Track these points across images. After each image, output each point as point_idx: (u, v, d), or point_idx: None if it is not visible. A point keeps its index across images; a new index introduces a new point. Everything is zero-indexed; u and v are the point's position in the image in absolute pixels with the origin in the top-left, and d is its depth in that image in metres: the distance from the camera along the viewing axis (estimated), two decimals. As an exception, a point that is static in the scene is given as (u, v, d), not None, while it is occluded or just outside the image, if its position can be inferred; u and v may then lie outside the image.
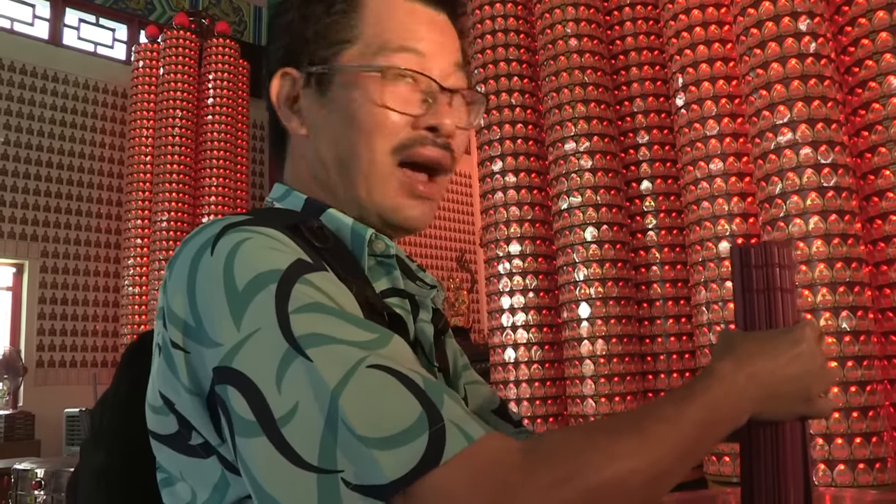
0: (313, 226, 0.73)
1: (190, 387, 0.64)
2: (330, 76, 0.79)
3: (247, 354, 0.60)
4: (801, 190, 2.70)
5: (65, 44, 7.26)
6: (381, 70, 0.77)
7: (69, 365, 6.70)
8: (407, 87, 0.78)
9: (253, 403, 0.59)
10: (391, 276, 0.80)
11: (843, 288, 2.62)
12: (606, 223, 3.31)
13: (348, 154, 0.78)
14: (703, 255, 3.01)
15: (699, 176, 3.05)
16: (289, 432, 0.57)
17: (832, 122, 2.73)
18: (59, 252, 6.79)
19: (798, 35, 2.77)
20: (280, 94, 0.82)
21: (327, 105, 0.80)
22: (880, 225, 2.71)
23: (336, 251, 0.74)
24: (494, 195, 3.64)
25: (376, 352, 0.60)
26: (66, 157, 6.94)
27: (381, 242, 0.79)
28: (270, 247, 0.65)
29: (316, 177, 0.82)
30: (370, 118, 0.77)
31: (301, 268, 0.64)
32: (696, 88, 3.11)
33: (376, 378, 0.58)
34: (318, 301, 0.62)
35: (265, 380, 0.59)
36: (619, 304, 3.25)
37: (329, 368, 0.58)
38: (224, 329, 0.61)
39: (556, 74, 3.50)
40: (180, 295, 0.65)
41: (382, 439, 0.55)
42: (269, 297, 0.61)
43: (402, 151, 0.78)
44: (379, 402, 0.57)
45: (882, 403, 2.60)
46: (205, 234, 0.67)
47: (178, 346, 0.65)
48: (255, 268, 0.63)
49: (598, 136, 3.40)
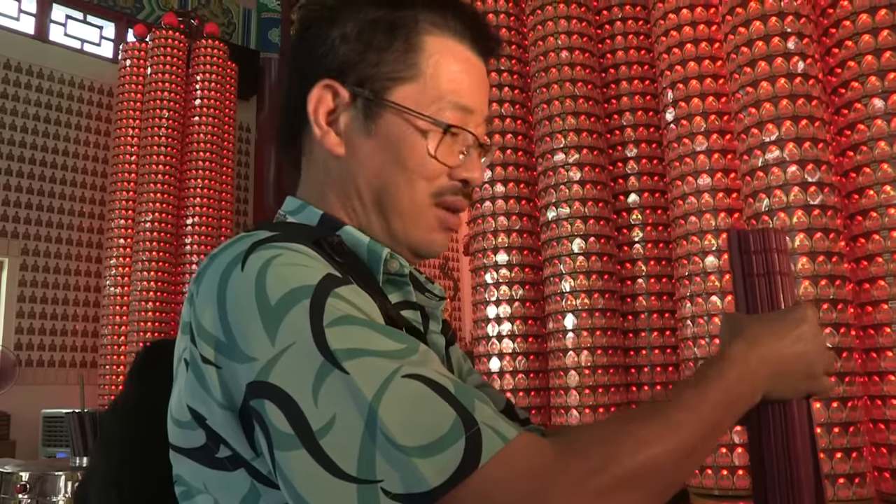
0: (334, 241, 0.74)
1: (223, 402, 0.65)
2: (380, 107, 0.81)
3: (282, 369, 0.61)
4: (787, 207, 2.73)
5: (51, 40, 7.20)
6: (437, 124, 0.81)
7: (47, 365, 6.63)
8: (453, 140, 0.83)
9: (291, 417, 0.60)
10: (403, 291, 0.83)
11: (827, 305, 2.65)
12: (594, 235, 3.33)
13: (390, 189, 0.81)
14: (690, 269, 3.03)
15: (687, 191, 3.08)
16: (327, 444, 0.58)
17: (819, 141, 2.77)
18: (41, 250, 6.72)
19: (787, 55, 2.80)
20: (319, 105, 0.82)
21: (374, 135, 0.81)
22: (863, 244, 2.74)
23: (354, 266, 0.75)
24: (483, 204, 3.66)
25: (408, 360, 0.61)
26: (49, 154, 6.88)
27: (395, 262, 0.81)
28: (300, 263, 0.66)
29: (342, 196, 0.83)
30: (419, 165, 0.81)
31: (331, 282, 0.65)
32: (685, 104, 3.14)
33: (412, 388, 0.60)
34: (349, 314, 0.63)
35: (302, 393, 0.60)
36: (604, 316, 3.27)
37: (366, 380, 0.59)
38: (258, 344, 0.62)
39: (546, 86, 3.52)
40: (210, 310, 0.66)
41: (422, 447, 0.57)
42: (304, 311, 0.62)
43: (439, 197, 0.83)
44: (416, 410, 0.58)
45: (862, 419, 2.64)
46: (234, 250, 0.68)
47: (209, 362, 0.65)
48: (287, 283, 0.64)
49: (588, 148, 3.42)
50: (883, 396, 2.64)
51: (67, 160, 6.99)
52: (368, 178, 0.81)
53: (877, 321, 2.69)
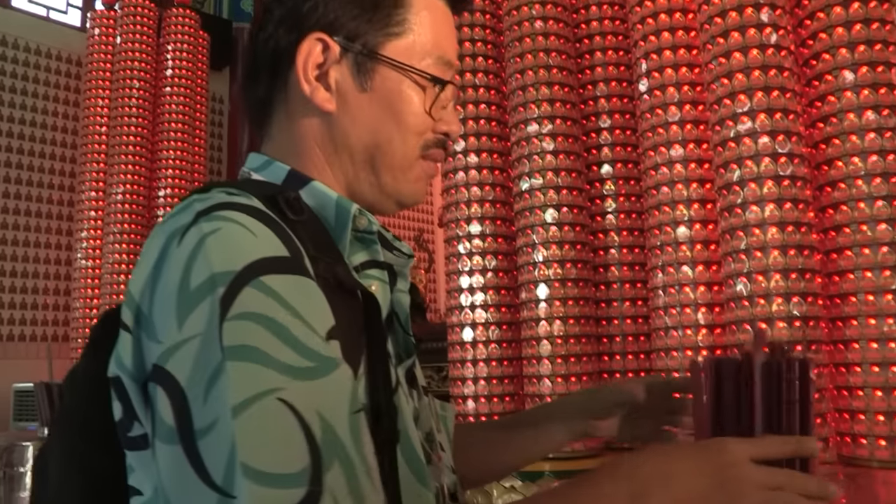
0: (289, 196, 0.72)
1: (133, 372, 0.63)
2: (375, 62, 0.81)
3: (181, 359, 0.59)
4: (758, 178, 2.75)
5: (14, 6, 7.00)
6: (432, 79, 0.82)
7: (18, 339, 6.54)
8: (442, 95, 0.84)
9: (177, 410, 0.58)
10: (371, 250, 0.81)
11: (795, 274, 2.69)
12: (566, 205, 3.34)
13: (384, 144, 0.82)
14: (661, 238, 3.06)
15: (659, 161, 3.10)
16: (203, 446, 0.56)
17: (790, 112, 2.79)
18: (9, 223, 6.61)
19: (760, 26, 2.81)
20: (309, 58, 0.81)
21: (369, 91, 0.81)
22: (832, 214, 2.78)
23: (310, 224, 0.74)
24: (456, 175, 3.65)
25: (300, 383, 0.58)
26: (16, 125, 6.73)
27: (364, 218, 0.80)
28: (236, 241, 0.63)
29: (328, 152, 0.83)
30: (413, 119, 0.82)
31: (261, 267, 0.62)
32: (658, 74, 3.15)
33: (279, 414, 0.56)
34: (260, 312, 0.59)
35: (195, 388, 0.57)
36: (577, 286, 3.29)
37: (237, 386, 0.56)
38: (168, 327, 0.60)
39: (520, 56, 3.51)
40: (141, 280, 0.65)
41: (261, 473, 0.54)
42: (216, 300, 0.59)
43: (426, 150, 0.85)
44: (271, 436, 0.55)
45: (827, 386, 2.69)
46: (178, 221, 0.66)
47: (127, 328, 0.64)
48: (211, 267, 0.61)
49: (561, 118, 3.42)
50: (847, 364, 2.69)
51: (35, 131, 6.85)
52: (361, 133, 0.81)
53: (843, 290, 2.73)
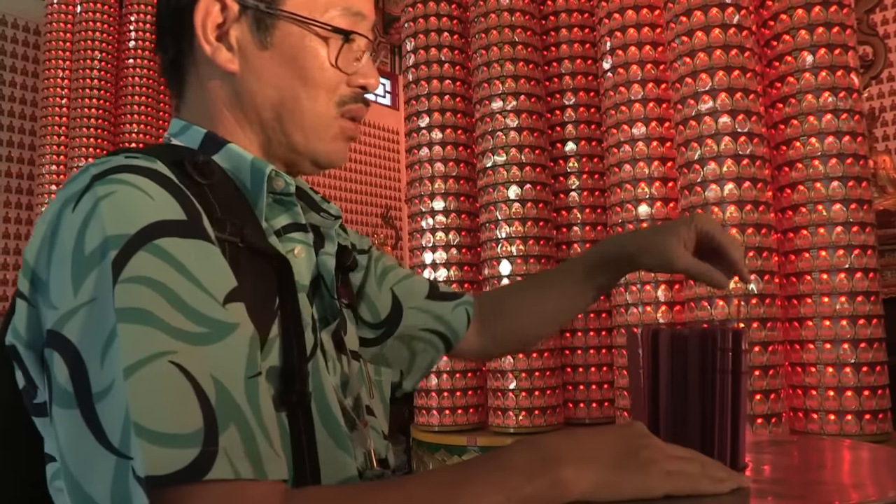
0: (198, 160, 0.71)
1: (28, 340, 0.63)
2: (274, 17, 0.78)
3: (77, 324, 0.58)
4: (718, 157, 2.78)
5: (-30, -28, 6.81)
6: (336, 31, 0.79)
7: (-25, 313, 6.42)
8: (349, 47, 0.80)
9: (74, 374, 0.57)
10: (292, 212, 0.80)
11: (753, 253, 2.72)
12: (530, 182, 3.35)
13: (289, 101, 0.79)
14: (623, 216, 3.08)
15: (622, 139, 3.11)
16: (102, 409, 0.56)
17: (750, 92, 2.82)
18: (-34, 195, 6.47)
19: (722, 5, 2.83)
20: (207, 19, 0.77)
21: (270, 48, 0.78)
22: (789, 194, 2.82)
23: (220, 187, 0.72)
24: (420, 150, 3.63)
25: (193, 348, 0.57)
26: (-28, 95, 6.57)
27: (280, 180, 0.78)
28: (132, 204, 0.62)
29: (236, 113, 0.80)
30: (319, 74, 0.79)
31: (156, 230, 0.61)
32: (622, 52, 3.16)
33: (171, 376, 0.56)
34: (152, 277, 0.59)
35: (91, 352, 0.57)
36: (539, 263, 3.30)
37: (129, 347, 0.55)
38: (63, 293, 0.60)
39: (486, 31, 3.49)
40: (37, 247, 0.64)
41: (153, 432, 0.53)
42: (108, 265, 0.58)
43: (342, 106, 0.81)
44: (164, 398, 0.55)
45: (781, 363, 2.74)
46: (74, 186, 0.65)
47: (23, 296, 0.63)
48: (104, 231, 0.60)
49: (525, 95, 3.42)
50: (801, 341, 2.74)
51: (-8, 101, 6.69)
52: (267, 92, 0.78)
53: (798, 269, 2.77)
